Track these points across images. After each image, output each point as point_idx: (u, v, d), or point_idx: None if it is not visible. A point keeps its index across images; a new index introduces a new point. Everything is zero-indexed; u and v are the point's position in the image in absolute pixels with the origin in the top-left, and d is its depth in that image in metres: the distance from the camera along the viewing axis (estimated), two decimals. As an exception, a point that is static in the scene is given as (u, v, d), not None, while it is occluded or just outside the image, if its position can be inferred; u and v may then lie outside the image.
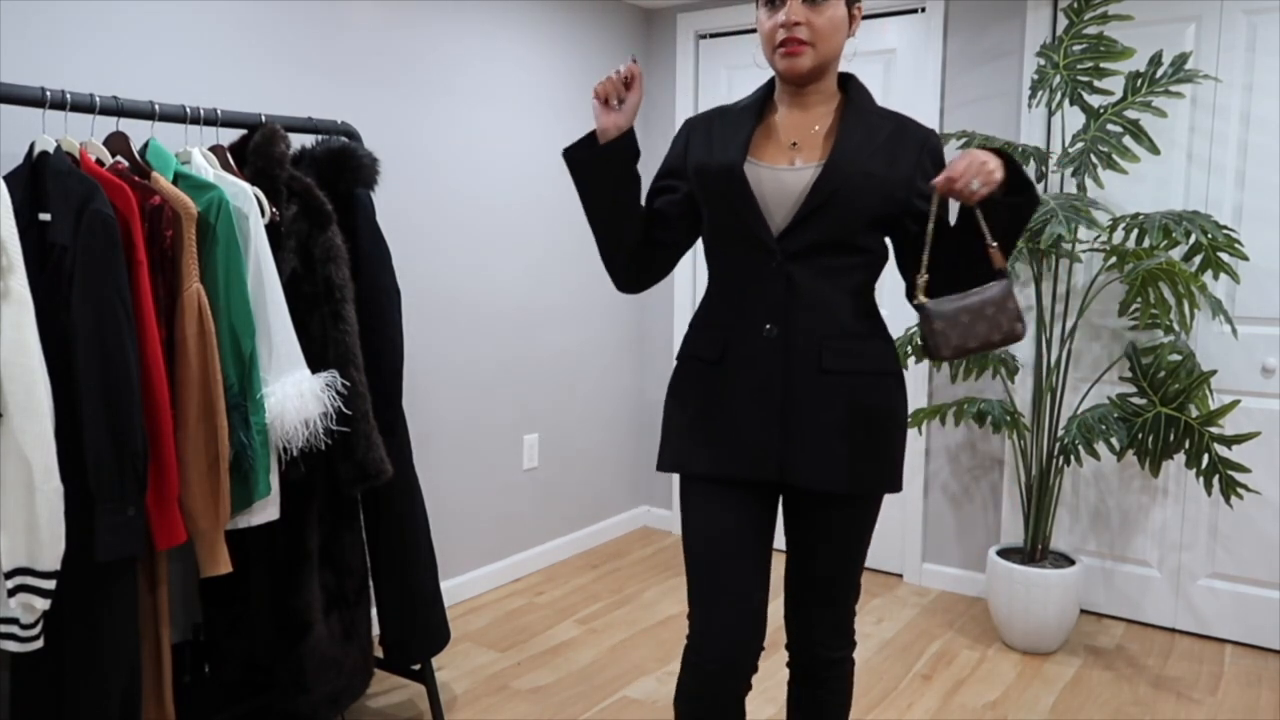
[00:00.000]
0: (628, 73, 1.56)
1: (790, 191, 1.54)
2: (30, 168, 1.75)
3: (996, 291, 1.48)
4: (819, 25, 1.50)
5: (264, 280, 1.95)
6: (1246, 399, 2.95)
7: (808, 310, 1.55)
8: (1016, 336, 1.48)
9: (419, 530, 2.39)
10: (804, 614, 1.69)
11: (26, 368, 1.61)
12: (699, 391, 1.62)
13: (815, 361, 1.55)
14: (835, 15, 1.51)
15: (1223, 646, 3.01)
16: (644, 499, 4.25)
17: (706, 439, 1.60)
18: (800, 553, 1.66)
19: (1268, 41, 2.84)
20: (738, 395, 1.57)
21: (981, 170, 1.40)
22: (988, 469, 3.38)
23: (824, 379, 1.55)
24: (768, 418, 1.55)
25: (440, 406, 3.22)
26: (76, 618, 1.76)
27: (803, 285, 1.55)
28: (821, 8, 1.50)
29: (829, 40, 1.52)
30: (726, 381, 1.59)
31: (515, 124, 3.42)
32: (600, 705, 2.61)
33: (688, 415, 1.63)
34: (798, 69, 1.53)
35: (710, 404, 1.60)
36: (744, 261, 1.58)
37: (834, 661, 1.69)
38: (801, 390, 1.55)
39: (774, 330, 1.55)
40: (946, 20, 3.34)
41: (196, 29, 2.43)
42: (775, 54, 1.54)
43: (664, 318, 4.09)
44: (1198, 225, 2.59)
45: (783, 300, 1.55)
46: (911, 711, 2.58)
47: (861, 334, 1.58)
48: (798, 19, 1.49)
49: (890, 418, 1.59)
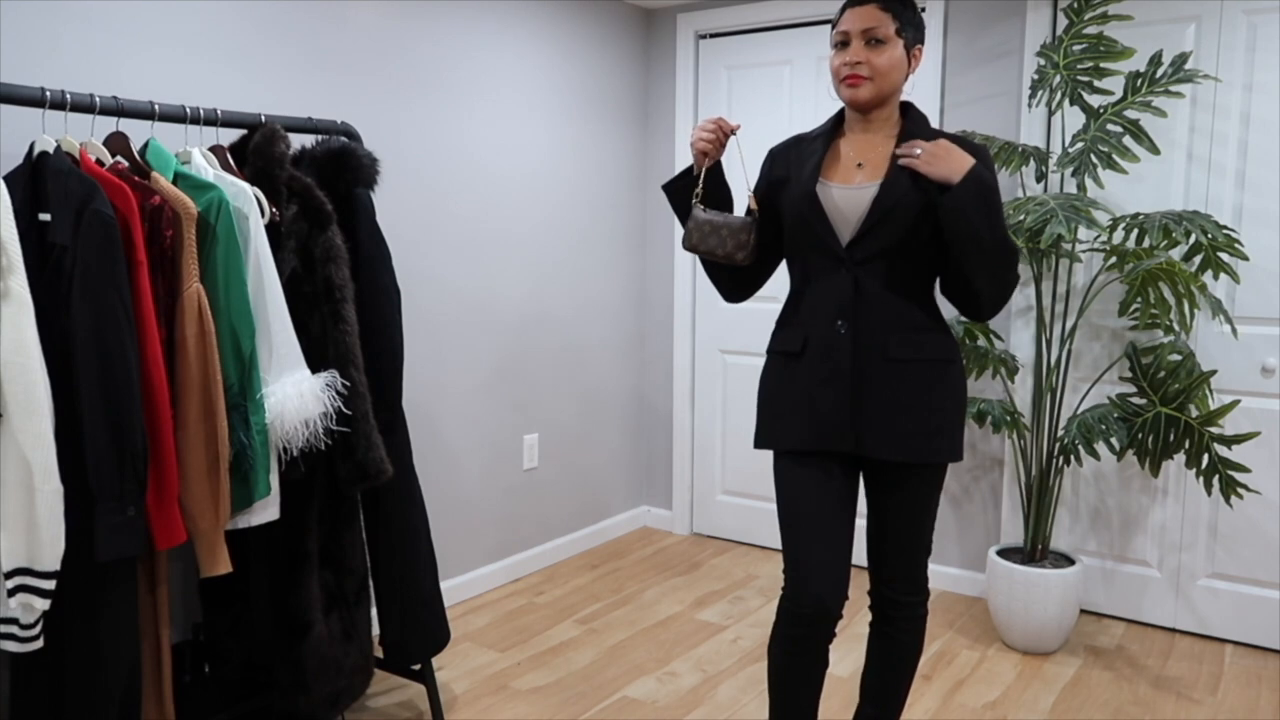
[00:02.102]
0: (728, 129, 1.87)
1: (856, 207, 1.81)
2: (30, 168, 1.75)
3: (738, 223, 1.85)
4: (878, 64, 1.78)
5: (264, 280, 1.95)
6: (1246, 399, 2.95)
7: (874, 309, 1.81)
8: (733, 261, 1.86)
9: (419, 530, 2.39)
10: (881, 566, 1.95)
11: (26, 368, 1.61)
12: (785, 379, 1.90)
13: (882, 352, 1.81)
14: (894, 55, 1.79)
15: (1223, 646, 3.01)
16: (644, 499, 4.25)
17: (793, 419, 1.87)
18: (877, 514, 1.92)
19: (1268, 41, 2.84)
20: (816, 382, 1.84)
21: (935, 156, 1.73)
22: (988, 469, 3.38)
23: (890, 366, 1.81)
24: (842, 400, 1.82)
25: (440, 406, 3.22)
26: (76, 618, 1.76)
27: (868, 288, 1.81)
28: (881, 49, 1.78)
29: (887, 77, 1.79)
30: (807, 370, 1.86)
31: (515, 124, 3.42)
32: (600, 705, 2.61)
33: (777, 400, 1.91)
34: (858, 99, 1.81)
35: (795, 390, 1.88)
36: (818, 268, 1.86)
37: (905, 605, 1.95)
38: (871, 376, 1.81)
39: (845, 326, 1.81)
40: (946, 20, 3.34)
41: (196, 29, 2.43)
42: (841, 85, 1.82)
43: (664, 318, 4.09)
44: (1198, 225, 2.59)
45: (852, 301, 1.81)
46: (911, 711, 2.58)
47: (922, 327, 1.83)
48: (859, 59, 1.78)
49: (950, 398, 1.85)
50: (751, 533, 3.97)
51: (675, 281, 4.02)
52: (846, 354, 1.81)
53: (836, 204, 1.82)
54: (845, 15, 1.80)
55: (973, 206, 1.71)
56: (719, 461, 4.03)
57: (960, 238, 1.74)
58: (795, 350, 1.87)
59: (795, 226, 1.88)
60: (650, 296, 4.13)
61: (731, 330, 3.91)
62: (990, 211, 1.73)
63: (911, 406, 1.81)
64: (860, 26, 1.77)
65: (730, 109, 3.87)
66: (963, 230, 1.73)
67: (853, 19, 1.78)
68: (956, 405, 1.86)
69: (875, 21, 1.76)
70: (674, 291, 4.03)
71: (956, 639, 3.06)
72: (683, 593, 3.44)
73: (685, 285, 4.00)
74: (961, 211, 1.71)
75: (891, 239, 1.78)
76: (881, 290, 1.81)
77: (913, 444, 1.81)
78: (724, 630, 3.11)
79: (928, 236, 1.79)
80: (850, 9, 1.80)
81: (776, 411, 1.91)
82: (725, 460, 4.01)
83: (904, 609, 1.95)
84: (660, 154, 4.02)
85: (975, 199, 1.71)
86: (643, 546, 3.96)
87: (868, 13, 1.77)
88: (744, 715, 2.56)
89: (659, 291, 4.10)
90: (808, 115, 3.67)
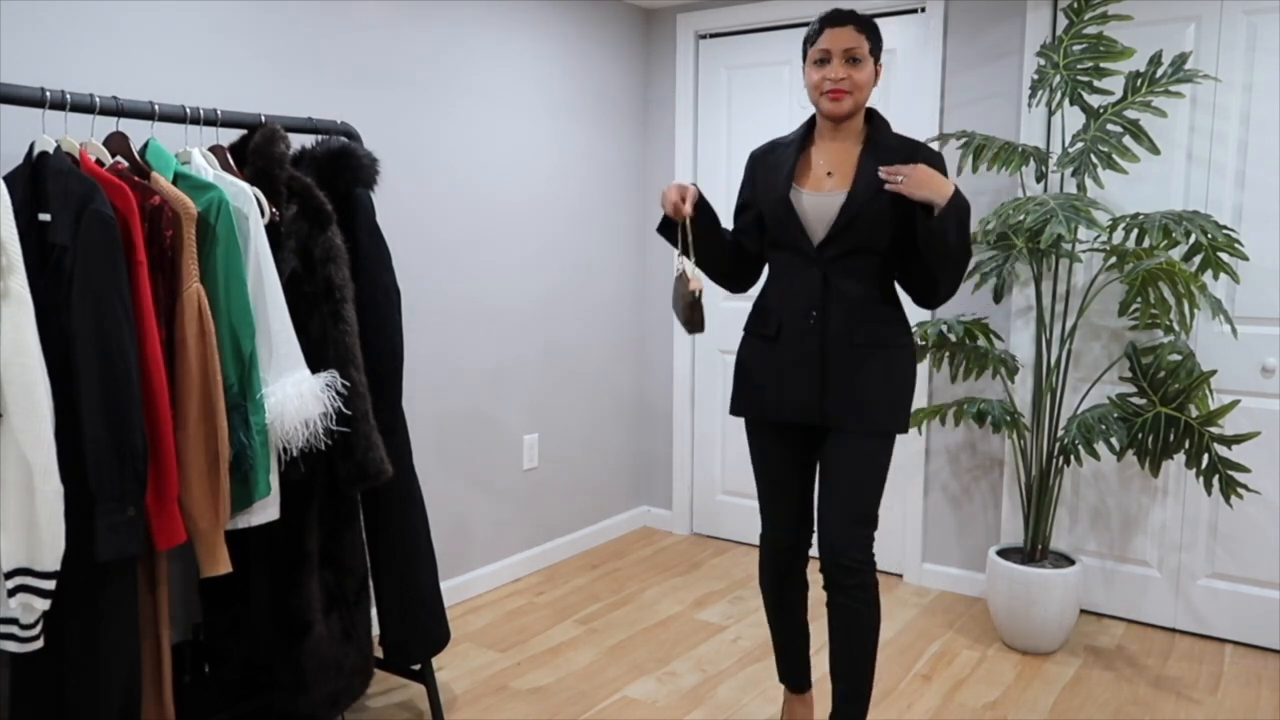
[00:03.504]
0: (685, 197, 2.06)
1: (826, 212, 2.03)
2: (30, 168, 1.75)
3: (675, 283, 2.12)
4: (858, 79, 2.00)
5: (264, 280, 1.95)
6: (1246, 399, 2.95)
7: (841, 301, 2.05)
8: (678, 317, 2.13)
9: (419, 530, 2.39)
10: (828, 523, 2.08)
11: (26, 368, 1.61)
12: (761, 358, 2.15)
13: (848, 339, 2.04)
14: (869, 72, 2.02)
15: (1223, 646, 3.01)
16: (644, 499, 4.25)
17: (767, 394, 2.13)
18: (829, 473, 2.10)
19: (1268, 41, 2.84)
20: (789, 363, 2.09)
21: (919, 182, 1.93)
22: (988, 469, 3.38)
23: (853, 351, 2.05)
24: (811, 380, 2.07)
25: (440, 407, 3.22)
26: (76, 618, 1.76)
27: (836, 282, 2.05)
28: (859, 67, 1.99)
29: (863, 90, 2.02)
30: (780, 352, 2.10)
31: (515, 123, 3.42)
32: (600, 705, 2.61)
33: (753, 376, 2.16)
34: (840, 111, 2.02)
35: (769, 368, 2.12)
36: (792, 264, 2.09)
37: (853, 570, 2.06)
38: (837, 360, 2.05)
39: (815, 316, 2.05)
40: (946, 20, 3.34)
41: (197, 29, 2.43)
42: (822, 98, 2.02)
43: (664, 318, 4.09)
44: (1198, 225, 2.59)
45: (821, 294, 2.05)
46: (911, 711, 2.58)
47: (882, 318, 2.06)
48: (842, 75, 1.99)
49: (904, 379, 2.09)
50: (752, 533, 3.97)
51: (675, 281, 4.01)
52: (816, 340, 2.06)
53: (808, 209, 2.05)
54: (825, 35, 2.00)
55: (953, 227, 1.93)
56: (719, 461, 4.03)
57: (934, 248, 1.96)
58: (770, 334, 2.12)
59: (773, 227, 2.12)
60: (650, 296, 4.13)
61: (732, 330, 3.91)
62: (962, 228, 1.95)
63: (870, 386, 2.05)
64: (841, 46, 1.98)
65: (730, 109, 3.87)
66: (937, 243, 1.95)
67: (833, 39, 1.98)
68: (909, 385, 2.11)
69: (854, 42, 1.98)
70: (674, 291, 4.03)
71: (956, 639, 3.06)
72: (683, 593, 3.44)
73: (685, 285, 4.00)
74: (943, 232, 1.93)
75: (857, 240, 2.02)
76: (848, 284, 2.05)
77: (869, 417, 2.05)
78: (724, 630, 3.11)
79: (889, 238, 2.04)
80: (830, 29, 1.99)
81: (753, 385, 2.16)
82: (725, 460, 4.01)
83: (855, 575, 2.06)
84: (660, 154, 4.02)
85: (955, 221, 1.93)
86: (643, 546, 3.96)
87: (847, 34, 1.98)
88: (744, 715, 2.56)
89: (659, 291, 4.10)
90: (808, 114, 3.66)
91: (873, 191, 1.99)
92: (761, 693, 2.68)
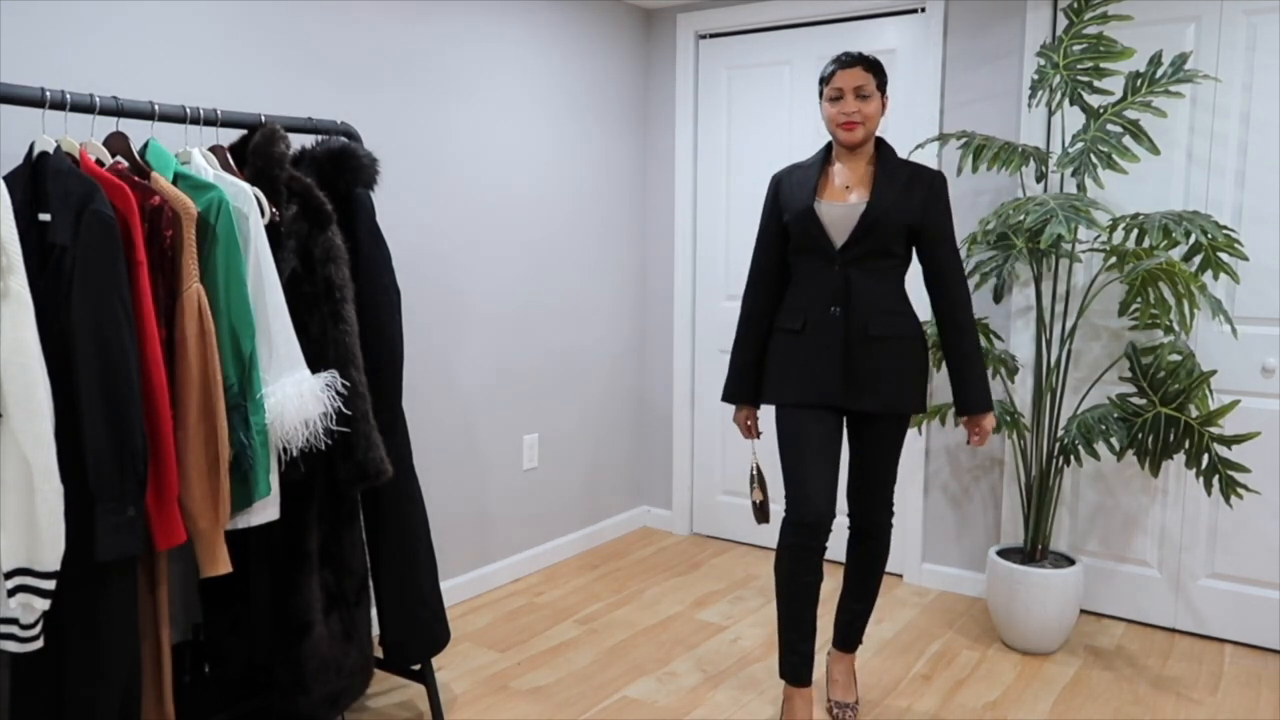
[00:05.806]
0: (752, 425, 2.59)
1: (847, 219, 2.33)
2: (30, 168, 1.75)
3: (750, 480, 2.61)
4: (867, 112, 2.31)
5: (264, 280, 1.94)
6: (1246, 399, 2.95)
7: (859, 297, 2.33)
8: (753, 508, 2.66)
9: (419, 530, 2.39)
10: (858, 492, 2.48)
11: (26, 368, 1.61)
12: (788, 350, 2.41)
13: (864, 331, 2.32)
14: (877, 104, 2.32)
15: (1223, 646, 3.01)
16: (644, 499, 4.25)
17: (795, 380, 2.39)
18: (857, 453, 2.46)
19: (1268, 41, 2.84)
20: (814, 353, 2.36)
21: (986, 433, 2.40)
22: (988, 469, 3.38)
23: (871, 341, 2.33)
24: (835, 367, 2.34)
25: (440, 406, 3.22)
26: (76, 618, 1.76)
27: (856, 281, 2.33)
28: (869, 101, 2.30)
29: (873, 120, 2.33)
30: (807, 344, 2.38)
31: (515, 123, 3.42)
32: (600, 705, 2.61)
33: (782, 366, 2.42)
34: (853, 140, 2.32)
35: (798, 359, 2.39)
36: (815, 266, 2.38)
37: (877, 523, 2.49)
38: (856, 349, 2.33)
39: (837, 311, 2.33)
40: (946, 20, 3.34)
41: (196, 29, 2.43)
42: (838, 129, 2.32)
43: (664, 318, 4.09)
44: (1198, 225, 2.59)
45: (843, 291, 2.33)
46: (911, 711, 2.58)
47: (895, 311, 2.35)
48: (854, 109, 2.30)
49: (915, 364, 2.39)
50: (752, 533, 3.97)
51: (675, 281, 4.02)
52: (838, 332, 2.33)
53: (831, 217, 2.33)
54: (837, 75, 2.30)
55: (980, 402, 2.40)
56: (719, 461, 4.03)
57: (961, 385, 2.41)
58: (797, 328, 2.39)
59: (798, 235, 2.38)
60: (650, 296, 4.13)
61: (732, 330, 3.91)
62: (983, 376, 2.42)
63: (886, 371, 2.34)
64: (852, 84, 2.28)
65: (730, 109, 3.87)
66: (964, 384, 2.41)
67: (845, 78, 2.29)
68: (921, 370, 2.40)
69: (863, 80, 2.29)
70: (674, 291, 4.03)
71: (956, 639, 3.06)
72: (683, 593, 3.44)
73: (685, 285, 4.00)
74: None
75: (873, 244, 2.31)
76: (865, 283, 2.33)
77: (887, 399, 2.34)
78: (724, 630, 3.11)
79: (901, 244, 2.34)
80: (842, 70, 2.30)
81: (784, 375, 2.41)
82: (725, 460, 4.01)
83: (877, 527, 2.49)
84: (660, 154, 4.02)
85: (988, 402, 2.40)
86: (643, 546, 3.96)
87: (857, 74, 2.29)
88: (744, 715, 2.56)
89: (659, 291, 4.10)
90: (808, 115, 3.67)
91: (887, 204, 2.29)
92: (761, 693, 2.68)
